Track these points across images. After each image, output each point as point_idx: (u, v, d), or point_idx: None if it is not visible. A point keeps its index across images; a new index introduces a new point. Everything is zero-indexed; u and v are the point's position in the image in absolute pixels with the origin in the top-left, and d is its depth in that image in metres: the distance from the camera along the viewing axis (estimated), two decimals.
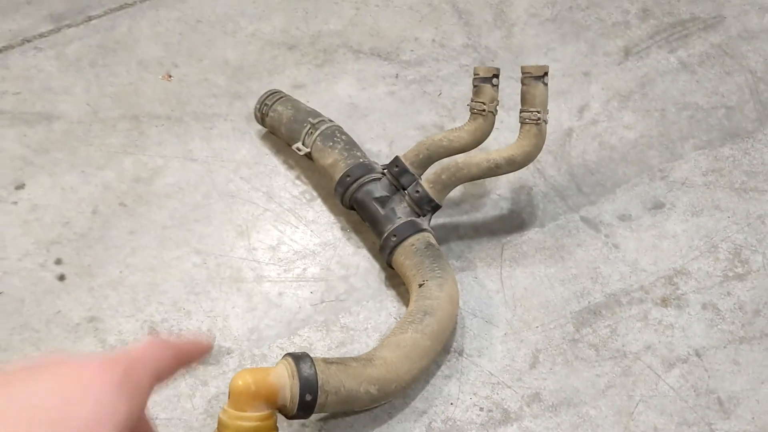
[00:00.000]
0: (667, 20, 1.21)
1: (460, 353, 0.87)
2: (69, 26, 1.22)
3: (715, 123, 1.08)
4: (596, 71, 1.15)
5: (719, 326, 0.89)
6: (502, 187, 1.03)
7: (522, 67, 0.90)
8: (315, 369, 0.75)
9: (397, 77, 1.15)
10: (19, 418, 0.30)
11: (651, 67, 1.15)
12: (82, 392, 0.32)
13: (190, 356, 0.42)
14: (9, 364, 0.34)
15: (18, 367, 0.33)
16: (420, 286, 0.86)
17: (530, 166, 1.03)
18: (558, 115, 1.09)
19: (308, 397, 0.75)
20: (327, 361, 0.78)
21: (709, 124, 1.08)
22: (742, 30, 1.19)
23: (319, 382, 0.75)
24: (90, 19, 1.23)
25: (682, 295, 0.91)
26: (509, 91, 1.10)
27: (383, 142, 1.07)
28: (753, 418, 0.82)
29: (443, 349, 0.86)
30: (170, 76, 1.15)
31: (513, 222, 0.99)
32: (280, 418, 0.76)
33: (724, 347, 0.87)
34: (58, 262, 0.95)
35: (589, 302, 0.91)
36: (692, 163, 1.04)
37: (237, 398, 0.72)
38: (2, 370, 0.33)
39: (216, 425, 0.74)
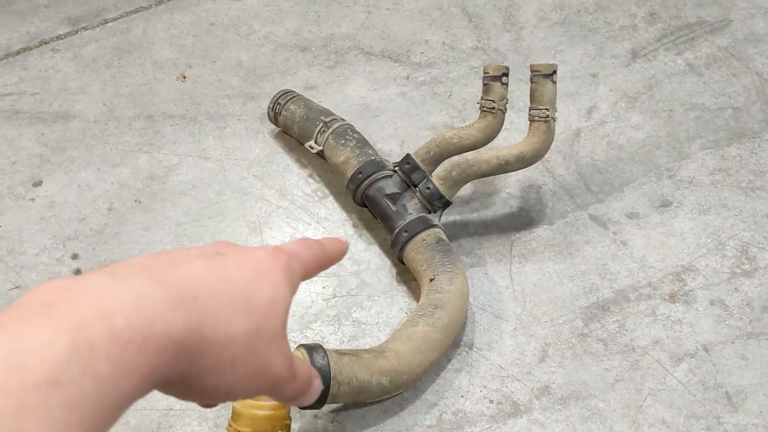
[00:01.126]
0: (674, 23, 1.22)
1: (470, 347, 0.88)
2: (86, 29, 1.25)
3: (722, 123, 1.09)
4: (604, 73, 1.16)
5: (727, 322, 0.90)
6: (511, 185, 1.04)
7: (531, 65, 0.92)
8: (328, 359, 0.77)
9: (407, 78, 1.16)
10: (223, 290, 0.34)
11: (658, 69, 1.16)
12: (264, 277, 0.36)
13: (332, 257, 0.45)
14: (196, 247, 0.37)
15: (212, 249, 0.36)
16: (431, 280, 0.88)
17: (539, 165, 1.05)
18: (567, 116, 1.11)
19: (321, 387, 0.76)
20: (340, 352, 0.79)
21: (716, 124, 1.09)
22: (749, 33, 1.20)
23: (332, 373, 0.76)
24: (106, 21, 1.26)
25: (690, 291, 0.92)
26: (519, 93, 1.12)
27: (394, 141, 1.09)
28: (761, 411, 0.83)
29: (454, 342, 0.87)
30: (184, 77, 1.17)
31: (522, 219, 1.00)
32: (293, 408, 0.77)
33: (732, 342, 0.88)
34: (75, 257, 0.97)
35: (597, 298, 0.92)
36: (699, 162, 1.05)
37: None
38: (199, 248, 0.37)
39: (230, 415, 0.76)
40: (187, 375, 0.32)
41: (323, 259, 0.44)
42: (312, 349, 0.77)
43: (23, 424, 0.25)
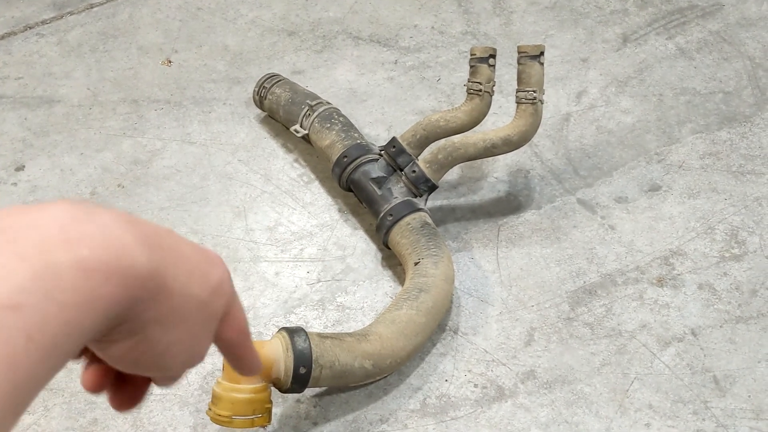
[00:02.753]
0: (666, 8, 1.21)
1: (455, 331, 0.87)
2: (71, 13, 1.23)
3: (712, 108, 1.08)
4: (594, 57, 1.15)
5: (715, 306, 0.88)
6: (499, 169, 1.03)
7: (518, 47, 0.91)
8: (309, 342, 0.76)
9: (396, 63, 1.15)
10: (185, 252, 0.34)
11: (649, 54, 1.15)
12: (215, 263, 0.36)
13: (243, 360, 0.40)
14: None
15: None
16: (416, 264, 0.86)
17: (527, 149, 1.03)
18: (556, 101, 1.10)
19: (302, 370, 0.75)
20: (322, 336, 0.78)
21: (706, 108, 1.08)
22: (741, 17, 1.19)
23: (314, 356, 0.75)
24: (92, 6, 1.24)
25: (678, 275, 0.91)
26: (508, 77, 1.11)
27: (382, 126, 1.08)
28: (749, 396, 0.82)
29: (438, 326, 0.86)
30: (170, 62, 1.15)
31: (510, 204, 0.99)
32: (275, 392, 0.76)
33: (720, 326, 0.87)
34: None
35: (584, 282, 0.91)
36: (689, 146, 1.04)
37: (231, 371, 0.72)
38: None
39: (210, 399, 0.74)
40: (138, 318, 0.31)
41: (241, 348, 0.39)
42: (293, 332, 0.76)
43: None
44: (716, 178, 1.00)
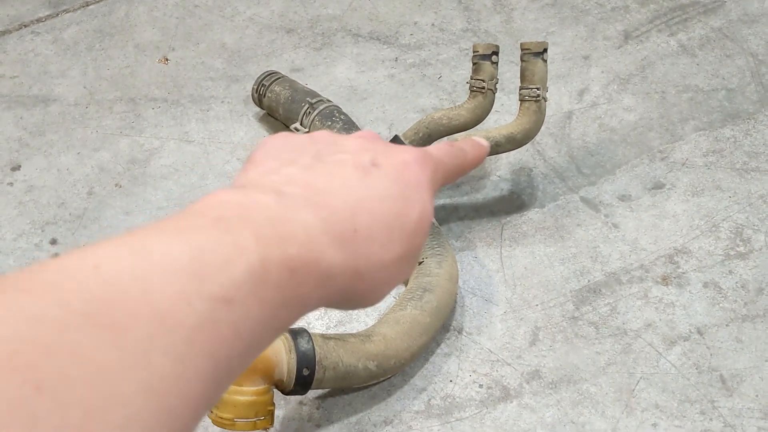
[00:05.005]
0: (667, 4, 1.20)
1: (460, 331, 0.86)
2: (66, 11, 1.22)
3: (715, 105, 1.07)
4: (596, 55, 1.14)
5: (721, 304, 0.88)
6: (502, 168, 1.02)
7: (521, 44, 0.90)
8: (312, 344, 0.74)
9: (396, 61, 1.14)
10: (380, 215, 0.33)
11: (651, 51, 1.14)
12: (414, 191, 0.35)
13: (471, 164, 0.42)
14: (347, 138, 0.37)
15: (366, 156, 0.35)
16: (419, 263, 0.85)
17: (530, 147, 1.02)
18: (558, 99, 1.09)
19: (305, 372, 0.74)
20: (325, 337, 0.77)
21: (709, 105, 1.07)
22: (743, 14, 1.18)
23: (317, 357, 0.74)
24: (87, 4, 1.23)
25: (683, 273, 0.90)
26: (509, 75, 1.10)
27: (383, 124, 1.07)
28: (757, 395, 0.81)
29: (442, 326, 0.85)
30: (167, 60, 1.14)
31: (513, 202, 0.98)
32: (277, 394, 0.75)
33: (727, 325, 0.86)
34: (53, 242, 0.94)
35: (588, 281, 0.90)
36: (693, 144, 1.03)
37: None
38: (352, 150, 0.36)
39: None
40: (336, 304, 0.33)
41: (462, 167, 0.42)
42: (296, 333, 0.75)
43: (198, 336, 0.24)
44: (720, 175, 0.99)
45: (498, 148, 0.91)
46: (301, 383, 0.74)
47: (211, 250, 0.26)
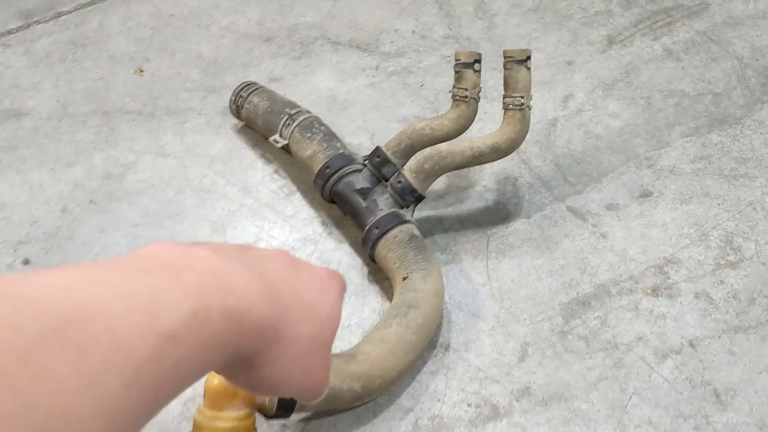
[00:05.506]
0: (651, 8, 1.19)
1: (447, 348, 0.84)
2: (38, 22, 1.19)
3: (702, 110, 1.06)
4: (580, 60, 1.13)
5: (713, 315, 0.86)
6: (487, 178, 1.00)
7: (504, 51, 0.87)
8: None
9: (377, 69, 1.12)
10: (298, 294, 0.38)
11: (635, 55, 1.13)
12: (326, 292, 0.41)
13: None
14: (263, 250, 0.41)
15: (285, 258, 0.40)
16: (404, 279, 0.83)
17: (515, 156, 1.00)
18: (542, 105, 1.07)
19: None
20: None
21: (696, 110, 1.06)
22: (727, 16, 1.17)
23: None
24: (60, 15, 1.20)
25: (674, 284, 0.88)
26: (492, 82, 1.08)
27: (364, 135, 1.04)
28: (751, 409, 0.79)
29: (429, 343, 0.82)
30: (142, 71, 1.11)
31: (498, 213, 0.96)
32: (259, 419, 0.72)
33: (719, 337, 0.84)
34: (26, 262, 0.91)
35: (577, 293, 0.88)
36: (680, 150, 1.01)
37: (213, 397, 0.68)
38: (271, 254, 0.40)
39: (191, 428, 0.70)
40: (251, 363, 0.35)
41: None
42: None
43: (147, 368, 0.27)
44: (708, 182, 0.98)
45: (482, 158, 0.89)
46: (284, 407, 0.71)
47: (163, 290, 0.29)
